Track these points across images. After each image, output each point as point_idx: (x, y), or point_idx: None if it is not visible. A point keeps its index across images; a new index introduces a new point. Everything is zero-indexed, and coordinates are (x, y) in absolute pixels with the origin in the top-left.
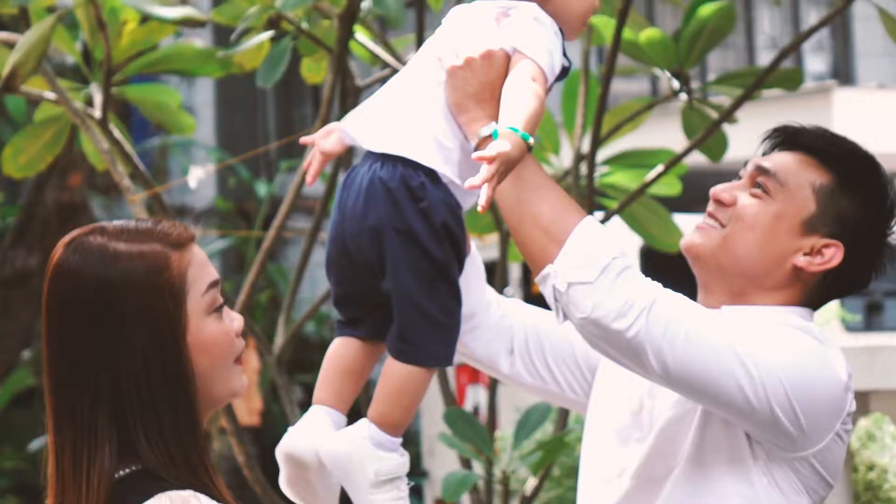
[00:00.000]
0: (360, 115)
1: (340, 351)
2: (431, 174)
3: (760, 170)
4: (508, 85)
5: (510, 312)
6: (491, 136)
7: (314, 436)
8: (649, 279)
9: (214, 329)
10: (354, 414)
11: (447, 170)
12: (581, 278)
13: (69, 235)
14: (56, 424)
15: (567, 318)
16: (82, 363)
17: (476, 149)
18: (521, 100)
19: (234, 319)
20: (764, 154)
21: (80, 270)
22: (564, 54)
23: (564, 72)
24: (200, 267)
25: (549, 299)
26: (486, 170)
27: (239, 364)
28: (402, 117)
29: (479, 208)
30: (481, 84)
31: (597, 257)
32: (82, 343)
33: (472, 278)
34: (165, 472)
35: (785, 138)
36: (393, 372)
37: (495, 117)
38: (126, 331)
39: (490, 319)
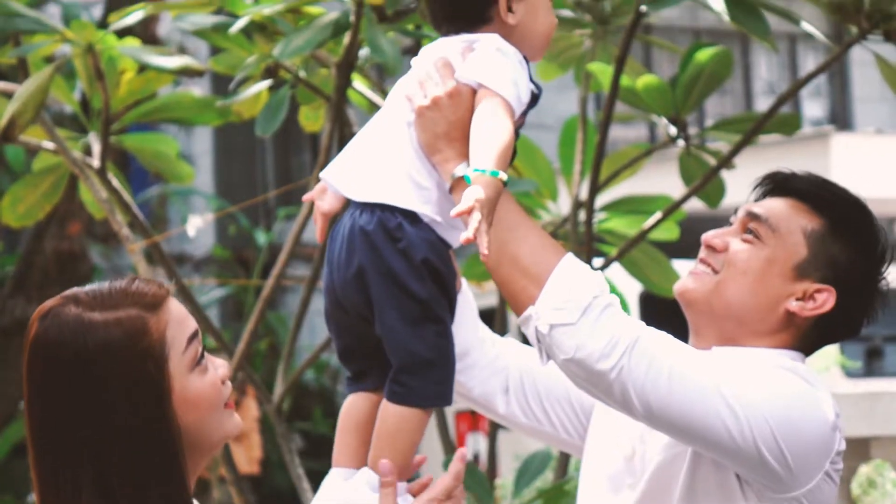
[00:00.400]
0: (339, 162)
1: (352, 408)
2: (411, 215)
3: (752, 216)
4: (475, 123)
5: (505, 351)
6: (463, 180)
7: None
8: (631, 317)
9: (199, 384)
10: None
11: (427, 209)
12: (563, 320)
13: (42, 307)
14: (41, 492)
15: (551, 358)
16: (64, 435)
17: (451, 190)
18: (488, 136)
19: (219, 367)
20: (755, 200)
21: (58, 345)
22: (532, 80)
23: (534, 98)
24: (178, 323)
25: (532, 340)
26: (471, 221)
27: (229, 408)
28: (377, 161)
29: (482, 257)
30: (450, 123)
31: (578, 298)
32: (64, 415)
33: (463, 314)
34: None
35: (776, 184)
36: (387, 415)
37: (468, 155)
38: (107, 400)
39: (485, 358)
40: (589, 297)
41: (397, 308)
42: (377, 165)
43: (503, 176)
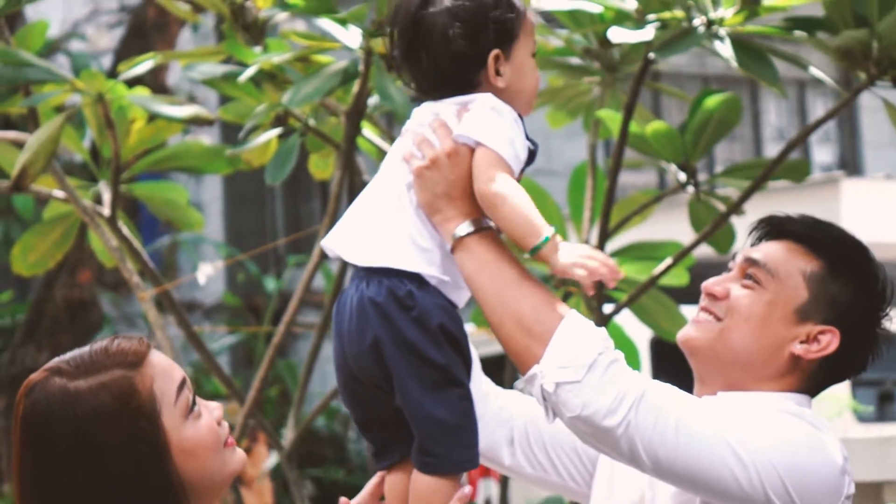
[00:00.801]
0: (339, 229)
1: (394, 491)
2: (418, 279)
3: (750, 261)
4: (480, 184)
5: (509, 403)
6: (538, 248)
7: None
8: (636, 372)
9: (195, 431)
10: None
11: (431, 270)
12: (568, 378)
13: (27, 383)
14: None
15: (557, 416)
16: None
17: (452, 250)
18: (520, 206)
19: (213, 409)
20: (752, 245)
21: (47, 419)
22: (528, 137)
23: (531, 154)
24: (165, 375)
25: (538, 399)
26: (599, 269)
27: (229, 446)
28: (377, 225)
29: (484, 316)
30: (450, 182)
31: (582, 355)
32: (61, 489)
33: None
34: None
35: (771, 228)
36: (419, 486)
37: (468, 214)
38: (105, 466)
39: (489, 411)
40: (594, 354)
41: (417, 377)
42: (378, 229)
43: (552, 232)
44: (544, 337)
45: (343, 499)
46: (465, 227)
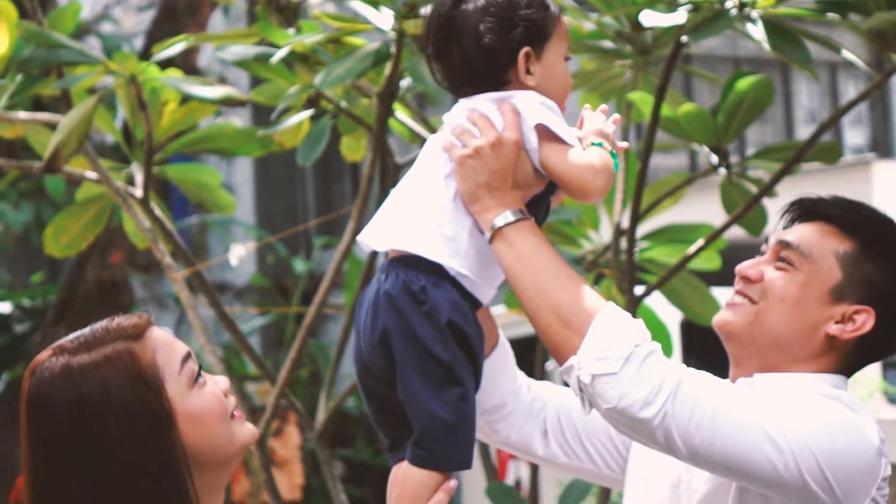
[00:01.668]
0: (372, 223)
1: (393, 479)
2: (436, 274)
3: (783, 244)
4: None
5: (541, 394)
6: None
7: None
8: (673, 361)
9: (200, 399)
10: None
11: (454, 263)
12: (605, 370)
13: (32, 364)
14: None
15: (593, 407)
16: (70, 481)
17: (490, 240)
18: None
19: (219, 382)
20: (784, 227)
21: (52, 396)
22: None
23: None
24: (167, 348)
25: (575, 390)
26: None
27: (237, 418)
28: (405, 214)
29: (522, 306)
30: (492, 172)
31: (619, 347)
32: (69, 462)
33: (502, 367)
34: None
35: (803, 210)
36: (408, 478)
37: (508, 205)
38: (111, 436)
39: (522, 405)
40: (630, 346)
41: (420, 371)
42: (406, 217)
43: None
44: (581, 328)
45: None
46: (504, 217)
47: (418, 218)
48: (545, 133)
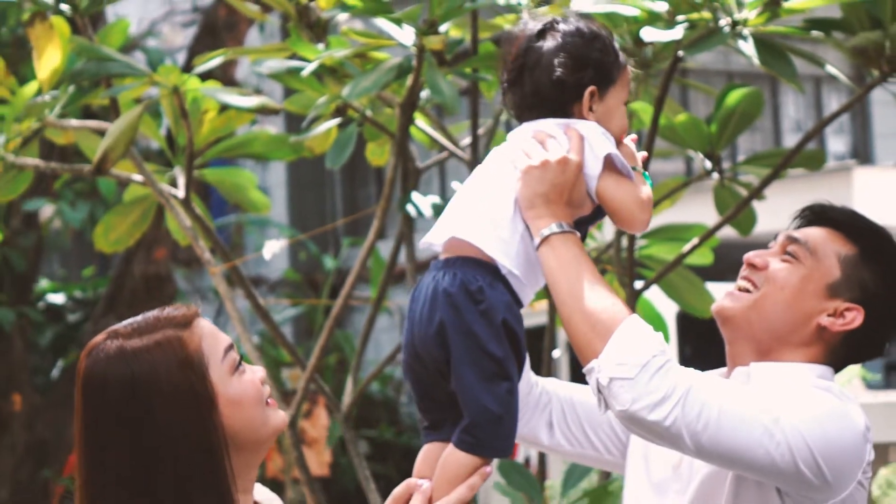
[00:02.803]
0: (437, 224)
1: (429, 456)
2: (491, 275)
3: (791, 239)
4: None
5: (547, 389)
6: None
7: None
8: (686, 369)
9: (240, 385)
10: None
11: (506, 262)
12: (622, 374)
13: (88, 346)
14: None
15: (609, 408)
16: (118, 465)
17: (538, 247)
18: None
19: (257, 371)
20: (794, 230)
21: (107, 375)
22: None
23: None
24: (212, 337)
25: (593, 391)
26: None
27: (271, 405)
28: (468, 214)
29: (558, 310)
30: (552, 185)
31: (638, 355)
32: (117, 438)
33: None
34: None
35: (814, 215)
36: (450, 461)
37: (559, 217)
38: (157, 415)
39: (532, 399)
40: (648, 355)
41: (475, 366)
42: (467, 216)
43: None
44: (606, 335)
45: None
46: (553, 227)
47: (479, 218)
48: (610, 164)
